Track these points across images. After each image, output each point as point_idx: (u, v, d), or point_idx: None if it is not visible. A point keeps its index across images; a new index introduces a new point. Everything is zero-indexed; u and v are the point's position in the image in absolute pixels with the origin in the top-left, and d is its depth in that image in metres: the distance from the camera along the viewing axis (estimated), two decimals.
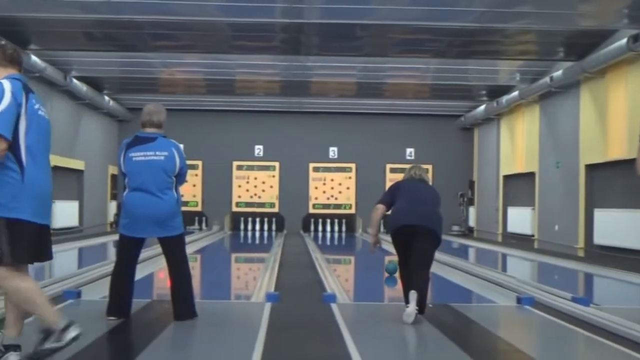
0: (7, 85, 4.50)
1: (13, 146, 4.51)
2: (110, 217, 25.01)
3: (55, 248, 15.49)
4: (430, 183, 7.68)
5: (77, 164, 21.60)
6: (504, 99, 21.08)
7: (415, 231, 6.91)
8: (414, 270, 6.85)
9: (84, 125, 22.35)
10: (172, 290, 6.66)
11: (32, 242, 4.63)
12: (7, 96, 4.46)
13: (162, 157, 6.48)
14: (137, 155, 6.49)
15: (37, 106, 4.69)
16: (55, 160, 19.39)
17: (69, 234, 20.07)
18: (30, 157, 4.61)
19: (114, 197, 25.24)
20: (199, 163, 25.34)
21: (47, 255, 4.85)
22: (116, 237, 18.33)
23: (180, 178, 6.65)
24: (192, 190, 25.04)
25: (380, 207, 7.22)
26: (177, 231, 6.60)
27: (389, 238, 7.36)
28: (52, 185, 4.87)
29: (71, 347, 5.32)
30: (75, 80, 19.86)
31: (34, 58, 16.79)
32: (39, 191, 4.69)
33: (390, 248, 7.84)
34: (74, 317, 6.90)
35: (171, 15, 13.67)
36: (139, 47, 16.64)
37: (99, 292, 8.04)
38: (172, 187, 6.55)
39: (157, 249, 10.65)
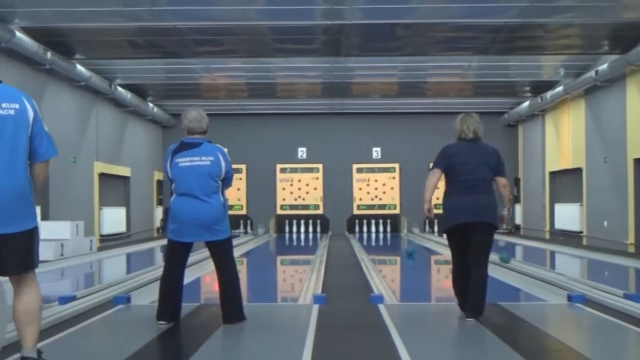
0: None
1: None
2: (157, 223, 25.28)
3: (103, 254, 15.81)
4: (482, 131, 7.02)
5: (123, 171, 21.87)
6: (549, 94, 20.84)
7: (472, 226, 6.67)
8: (473, 273, 6.62)
9: (129, 132, 22.63)
10: (220, 294, 6.69)
11: None
12: None
13: (208, 162, 6.53)
14: (183, 160, 6.54)
15: None
16: (102, 167, 19.71)
17: (116, 240, 20.32)
18: None
19: (160, 202, 25.52)
20: (243, 167, 25.49)
21: None
22: (163, 242, 18.57)
23: (227, 182, 6.69)
24: (236, 194, 25.19)
25: (437, 172, 6.84)
26: (224, 235, 6.63)
27: (435, 237, 7.29)
28: (2, 189, 4.30)
29: (122, 353, 5.40)
30: (120, 88, 20.13)
31: (79, 67, 17.06)
32: None
33: (438, 248, 7.77)
34: (124, 322, 7.03)
35: (213, 20, 13.81)
36: (182, 54, 16.81)
37: (148, 297, 8.12)
38: (218, 192, 6.59)
39: (204, 253, 10.76)
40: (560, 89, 19.96)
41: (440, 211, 6.92)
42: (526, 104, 22.96)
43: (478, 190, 6.73)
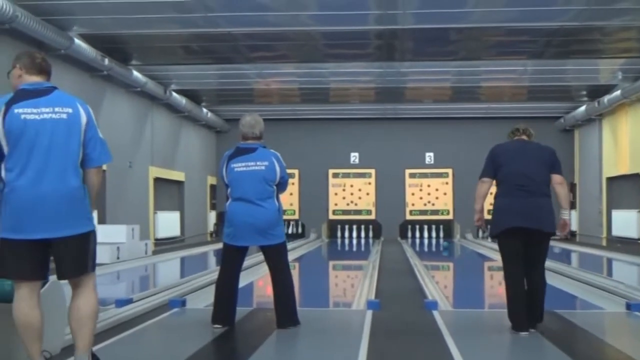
0: None
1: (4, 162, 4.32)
2: (210, 227, 25.49)
3: (158, 258, 15.98)
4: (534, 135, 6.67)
5: (177, 176, 22.12)
6: (606, 98, 20.47)
7: (526, 232, 6.24)
8: (530, 281, 6.31)
9: (183, 137, 22.88)
10: (274, 299, 6.71)
11: (18, 260, 4.31)
12: None
13: (263, 167, 6.59)
14: (239, 165, 6.61)
15: (21, 112, 4.30)
16: (157, 172, 19.97)
17: (171, 243, 20.55)
18: (11, 170, 4.28)
19: (213, 207, 25.74)
20: (296, 172, 25.56)
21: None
22: (216, 246, 18.67)
23: (281, 187, 6.73)
24: (289, 199, 25.27)
25: (486, 182, 6.48)
26: (278, 239, 6.66)
27: (488, 243, 7.15)
28: (52, 193, 4.28)
29: (177, 356, 5.45)
30: (174, 94, 20.38)
31: (135, 73, 17.33)
32: (16, 204, 4.26)
33: (490, 253, 7.65)
34: (180, 325, 7.10)
35: (266, 26, 13.90)
36: (236, 59, 16.94)
37: (203, 301, 8.20)
38: (273, 196, 6.63)
39: (257, 257, 10.82)
40: (617, 93, 19.60)
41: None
42: (583, 108, 22.59)
43: (531, 192, 6.26)
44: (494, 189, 6.57)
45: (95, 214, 16.01)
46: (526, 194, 6.26)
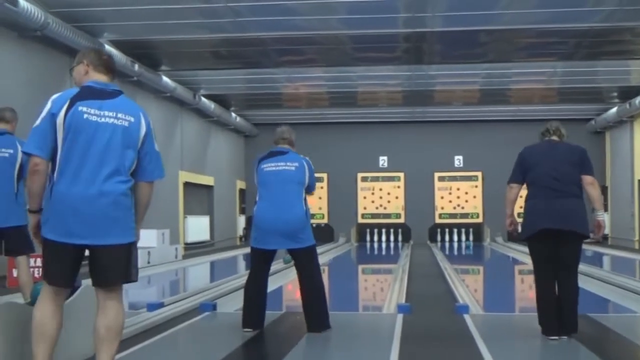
0: (54, 96, 4.29)
1: (53, 159, 4.21)
2: (240, 231, 25.56)
3: (188, 262, 16.06)
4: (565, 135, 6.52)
5: (207, 180, 22.21)
6: (637, 100, 20.23)
7: (558, 235, 6.09)
8: (562, 286, 6.16)
9: (212, 142, 22.99)
10: (304, 302, 6.70)
11: (53, 263, 4.21)
12: (44, 110, 4.21)
13: (292, 168, 6.65)
14: (269, 165, 6.68)
15: (85, 110, 4.21)
16: (187, 176, 20.07)
17: (200, 248, 20.65)
18: (61, 169, 4.16)
19: (242, 211, 25.81)
20: (324, 175, 25.56)
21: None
22: (246, 250, 18.71)
23: (309, 189, 6.76)
24: (318, 203, 25.27)
25: (515, 187, 6.39)
26: (308, 242, 6.66)
27: (519, 247, 7.06)
28: (100, 199, 4.16)
29: (208, 359, 5.47)
30: (203, 99, 20.48)
31: (165, 79, 17.44)
32: (61, 205, 4.14)
33: (520, 256, 7.58)
34: (211, 329, 7.13)
35: (295, 30, 13.93)
36: (264, 64, 17.00)
37: (234, 305, 8.21)
38: (301, 200, 6.64)
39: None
40: None
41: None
42: (614, 110, 22.36)
43: (561, 193, 6.12)
44: (524, 192, 6.47)
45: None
46: (556, 196, 6.12)
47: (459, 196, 26.04)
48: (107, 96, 4.35)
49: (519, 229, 6.42)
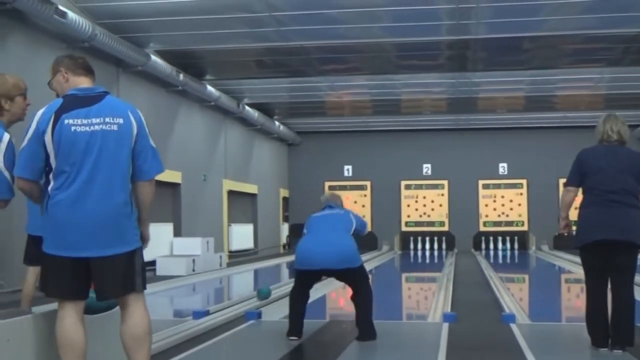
0: (39, 113, 4.14)
1: (48, 174, 4.12)
2: (283, 239, 25.63)
3: (233, 270, 16.07)
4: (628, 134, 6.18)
5: (250, 188, 22.32)
6: None
7: (613, 245, 5.83)
8: (617, 298, 5.87)
9: (256, 150, 23.11)
10: (357, 311, 6.70)
11: (52, 276, 4.13)
12: (30, 130, 4.09)
13: (341, 212, 7.10)
14: (318, 214, 7.10)
15: (72, 122, 4.07)
16: (231, 185, 20.20)
17: (244, 256, 20.74)
18: (55, 183, 4.06)
19: (286, 219, 25.89)
20: (368, 183, 25.55)
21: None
22: (289, 258, 18.67)
23: (357, 234, 7.00)
24: (361, 211, 25.21)
25: (572, 190, 6.09)
26: (356, 263, 6.71)
27: (566, 255, 6.88)
28: (97, 210, 4.04)
29: None
30: (247, 107, 20.60)
31: (209, 88, 17.59)
32: (57, 219, 4.04)
33: (566, 265, 7.44)
34: (257, 337, 7.15)
35: (338, 39, 13.95)
36: (308, 72, 17.06)
37: (279, 313, 8.23)
38: (349, 235, 6.85)
39: None
40: None
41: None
42: None
43: (620, 204, 5.85)
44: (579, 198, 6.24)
45: (170, 227, 16.35)
46: (614, 206, 5.87)
47: (504, 204, 25.82)
48: (93, 101, 4.17)
49: (573, 232, 6.21)
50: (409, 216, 26.14)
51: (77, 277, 4.07)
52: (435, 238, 25.85)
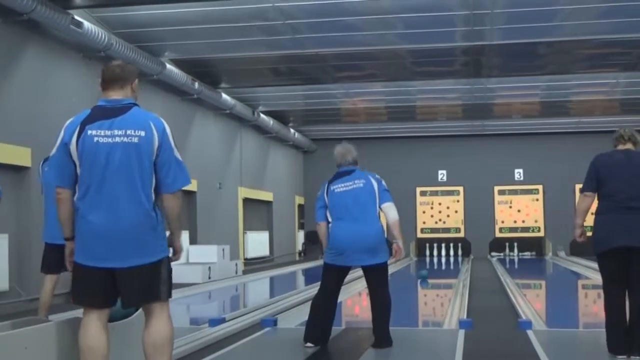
0: (67, 122, 4.25)
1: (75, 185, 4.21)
2: (299, 247, 25.63)
3: (248, 277, 16.09)
4: None
5: (266, 196, 22.36)
6: None
7: (631, 251, 5.78)
8: (634, 304, 5.80)
9: (271, 158, 23.15)
10: (375, 318, 6.67)
11: (80, 285, 4.22)
12: (58, 139, 4.20)
13: (361, 184, 6.70)
14: (338, 187, 6.72)
15: (95, 134, 4.14)
16: (246, 192, 20.24)
17: (260, 263, 20.77)
18: (81, 195, 4.15)
19: (301, 226, 25.89)
20: None
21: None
22: (305, 265, 18.69)
23: (382, 202, 6.74)
24: None
25: (588, 196, 6.03)
26: (385, 258, 6.68)
27: (582, 261, 6.84)
28: (121, 222, 4.11)
29: None
30: (262, 115, 20.65)
31: (224, 96, 17.66)
32: (84, 231, 4.15)
33: (583, 271, 7.40)
34: (273, 344, 7.16)
35: (353, 46, 13.98)
36: (323, 80, 17.10)
37: (295, 320, 8.25)
38: (376, 216, 6.69)
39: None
40: None
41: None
42: None
43: (635, 209, 5.80)
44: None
45: (186, 235, 16.39)
46: (631, 212, 5.82)
47: (520, 210, 25.71)
48: (118, 112, 4.21)
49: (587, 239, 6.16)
50: (424, 223, 26.08)
51: (104, 286, 4.14)
52: (451, 244, 25.78)
